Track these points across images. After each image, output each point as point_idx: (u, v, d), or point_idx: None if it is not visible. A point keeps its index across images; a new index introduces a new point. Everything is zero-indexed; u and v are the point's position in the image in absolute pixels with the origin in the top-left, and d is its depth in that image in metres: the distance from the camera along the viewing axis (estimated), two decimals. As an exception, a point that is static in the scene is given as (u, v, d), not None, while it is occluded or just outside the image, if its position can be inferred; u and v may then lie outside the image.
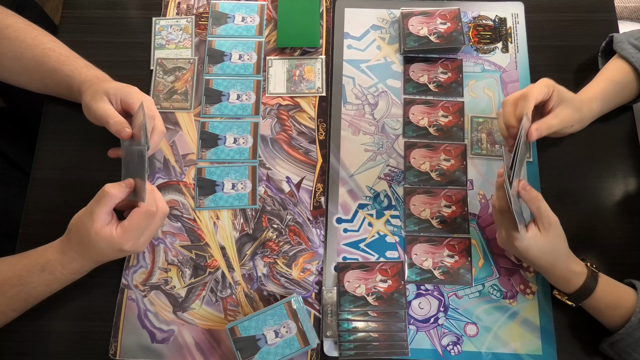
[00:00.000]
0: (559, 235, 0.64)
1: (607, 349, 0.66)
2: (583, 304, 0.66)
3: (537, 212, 0.63)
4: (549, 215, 0.63)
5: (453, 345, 0.69)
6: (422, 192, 0.76)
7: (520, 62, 0.83)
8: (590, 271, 0.65)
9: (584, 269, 0.65)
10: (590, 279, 0.64)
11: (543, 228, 0.63)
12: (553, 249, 0.64)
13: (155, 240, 0.75)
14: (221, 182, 0.77)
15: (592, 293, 0.64)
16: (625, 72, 0.74)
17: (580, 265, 0.65)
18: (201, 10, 0.87)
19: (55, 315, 0.71)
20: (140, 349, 0.70)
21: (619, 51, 0.74)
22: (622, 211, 0.75)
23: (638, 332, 0.62)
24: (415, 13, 0.84)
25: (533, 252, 0.64)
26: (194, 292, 0.72)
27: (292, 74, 0.83)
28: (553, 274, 0.66)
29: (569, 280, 0.65)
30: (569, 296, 0.66)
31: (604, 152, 0.78)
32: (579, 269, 0.65)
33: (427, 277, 0.72)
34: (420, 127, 0.80)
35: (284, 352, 0.66)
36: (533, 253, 0.64)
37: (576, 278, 0.65)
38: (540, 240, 0.63)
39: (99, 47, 0.85)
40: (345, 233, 0.75)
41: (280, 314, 0.67)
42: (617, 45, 0.75)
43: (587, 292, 0.64)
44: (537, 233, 0.63)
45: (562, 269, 0.65)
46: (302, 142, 0.79)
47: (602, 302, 0.65)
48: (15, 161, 0.99)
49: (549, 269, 0.65)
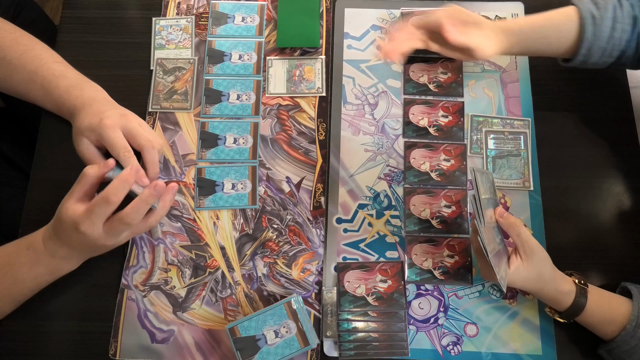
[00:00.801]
0: (543, 259, 0.64)
1: (605, 354, 0.66)
2: (576, 320, 0.65)
3: (518, 239, 0.63)
4: (530, 242, 0.63)
5: (453, 346, 0.69)
6: (422, 192, 0.76)
7: (520, 62, 0.83)
8: (579, 288, 0.64)
9: (572, 286, 0.64)
10: (579, 296, 0.64)
11: (525, 256, 0.62)
12: (538, 275, 0.63)
13: (155, 240, 0.75)
14: (221, 182, 0.77)
15: (584, 309, 0.64)
16: (568, 18, 0.69)
17: (568, 283, 0.65)
18: (201, 10, 0.87)
19: (55, 315, 0.71)
20: (140, 349, 0.70)
21: (574, 1, 0.70)
22: (623, 211, 0.75)
23: (633, 340, 0.61)
24: (415, 13, 0.84)
25: (519, 283, 0.64)
26: (193, 292, 0.72)
27: (292, 74, 0.83)
28: (542, 296, 0.66)
29: (559, 300, 0.64)
30: (560, 314, 0.66)
31: (604, 152, 0.78)
32: (568, 288, 0.64)
33: (427, 277, 0.72)
34: (420, 127, 0.80)
35: (284, 352, 0.66)
36: (519, 284, 0.64)
37: (565, 297, 0.64)
38: (524, 270, 0.63)
39: (99, 47, 0.85)
40: (345, 233, 0.75)
41: (280, 314, 0.67)
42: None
43: (578, 309, 0.64)
44: (520, 264, 0.63)
45: (550, 290, 0.64)
46: (302, 142, 0.79)
47: (595, 318, 0.64)
48: (15, 161, 0.99)
49: (538, 292, 0.65)
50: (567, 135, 0.79)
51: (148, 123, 0.80)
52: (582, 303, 0.63)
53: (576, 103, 0.80)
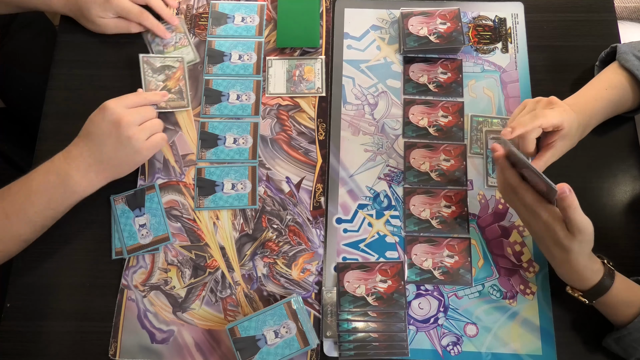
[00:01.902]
0: (587, 242, 0.61)
1: (612, 343, 0.65)
2: (597, 301, 0.64)
3: (568, 220, 0.60)
4: (580, 220, 0.59)
5: (453, 346, 0.69)
6: (422, 192, 0.76)
7: (520, 63, 0.83)
8: (607, 268, 0.63)
9: (601, 266, 0.63)
10: (607, 276, 0.62)
11: (572, 233, 0.60)
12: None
13: (155, 240, 0.75)
14: (221, 183, 0.77)
15: (608, 291, 0.62)
16: (626, 85, 0.72)
17: (597, 262, 0.63)
18: (201, 11, 0.87)
19: (55, 315, 0.71)
20: (140, 350, 0.70)
21: (622, 62, 0.72)
22: (623, 211, 0.75)
23: None
24: (415, 13, 0.84)
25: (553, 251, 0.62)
26: (193, 292, 0.72)
27: (292, 74, 0.83)
28: (568, 268, 0.63)
29: (585, 277, 0.63)
30: (583, 293, 0.64)
31: (604, 152, 0.78)
32: (597, 267, 0.63)
33: (427, 277, 0.72)
34: (420, 127, 0.80)
35: (283, 352, 0.66)
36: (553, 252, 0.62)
37: (593, 275, 0.62)
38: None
39: (99, 47, 0.85)
40: (345, 233, 0.75)
41: (280, 314, 0.67)
42: (620, 57, 0.73)
43: (603, 289, 0.62)
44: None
45: (581, 266, 0.62)
46: (302, 142, 0.79)
47: (616, 299, 0.63)
48: (15, 161, 0.99)
49: (564, 263, 0.63)
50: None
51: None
52: (609, 284, 0.62)
53: (576, 103, 0.80)
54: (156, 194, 0.75)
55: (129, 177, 0.74)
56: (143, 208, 0.75)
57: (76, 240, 0.74)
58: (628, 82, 0.72)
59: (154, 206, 0.75)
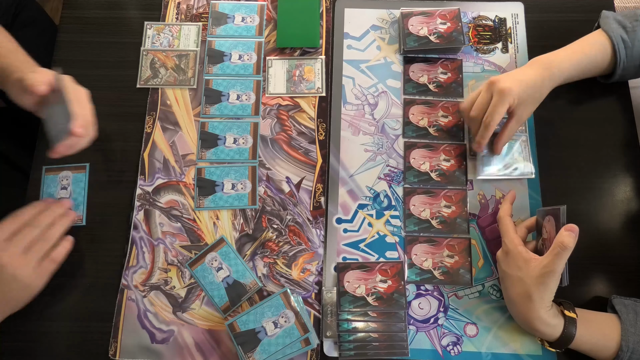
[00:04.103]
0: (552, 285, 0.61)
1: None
2: (569, 348, 0.64)
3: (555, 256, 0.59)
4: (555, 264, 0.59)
5: (453, 346, 0.69)
6: (422, 192, 0.76)
7: (520, 63, 0.83)
8: (568, 319, 0.62)
9: (560, 319, 0.62)
10: (568, 326, 0.62)
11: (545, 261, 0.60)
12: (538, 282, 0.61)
13: (155, 240, 0.75)
14: (221, 183, 0.77)
15: (574, 339, 0.62)
16: (606, 46, 0.73)
17: (556, 316, 0.62)
18: (201, 11, 0.87)
19: (55, 315, 0.72)
20: (140, 349, 0.70)
21: (602, 25, 0.75)
22: (623, 211, 0.75)
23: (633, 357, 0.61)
24: (415, 13, 0.84)
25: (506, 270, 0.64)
26: (193, 292, 0.72)
27: (292, 74, 0.83)
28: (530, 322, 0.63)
29: (545, 333, 0.63)
30: (550, 344, 0.64)
31: (604, 152, 0.78)
32: (555, 321, 0.62)
33: (427, 277, 0.72)
34: (420, 127, 0.80)
35: (284, 341, 0.66)
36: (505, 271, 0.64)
37: (553, 330, 0.62)
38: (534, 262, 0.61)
39: (99, 47, 0.85)
40: (345, 233, 0.75)
41: (277, 304, 0.68)
42: (602, 20, 0.75)
43: (568, 340, 0.62)
44: (536, 257, 0.61)
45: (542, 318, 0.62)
46: (302, 143, 0.79)
47: (587, 346, 0.63)
48: (15, 161, 0.99)
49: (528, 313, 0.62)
50: (567, 135, 0.79)
51: (148, 123, 0.80)
52: (572, 333, 0.62)
53: (576, 103, 0.80)
54: None
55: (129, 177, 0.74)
56: None
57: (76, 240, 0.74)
58: (607, 44, 0.73)
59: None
